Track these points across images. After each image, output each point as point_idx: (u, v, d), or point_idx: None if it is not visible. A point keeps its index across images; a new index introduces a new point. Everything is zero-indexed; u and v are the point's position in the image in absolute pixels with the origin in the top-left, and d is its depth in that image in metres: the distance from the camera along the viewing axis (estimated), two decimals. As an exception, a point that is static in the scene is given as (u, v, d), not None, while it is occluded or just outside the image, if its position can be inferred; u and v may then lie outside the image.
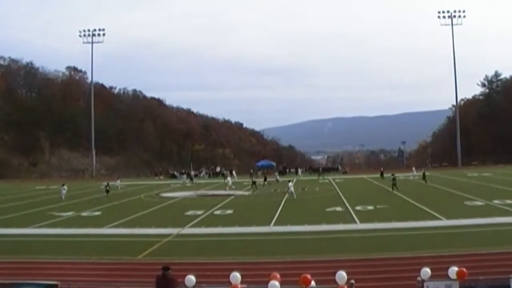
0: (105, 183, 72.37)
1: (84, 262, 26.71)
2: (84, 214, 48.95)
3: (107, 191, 68.08)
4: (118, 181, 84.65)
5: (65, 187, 66.60)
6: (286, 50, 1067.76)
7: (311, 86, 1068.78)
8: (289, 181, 66.15)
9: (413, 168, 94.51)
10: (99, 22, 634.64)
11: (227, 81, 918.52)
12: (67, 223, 42.39)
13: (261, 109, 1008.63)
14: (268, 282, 15.98)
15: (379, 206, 46.96)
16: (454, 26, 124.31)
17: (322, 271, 21.07)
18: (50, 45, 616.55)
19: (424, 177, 74.98)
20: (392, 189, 63.74)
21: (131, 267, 25.73)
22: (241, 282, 16.72)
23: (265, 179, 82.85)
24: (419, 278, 17.55)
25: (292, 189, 59.88)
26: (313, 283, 16.32)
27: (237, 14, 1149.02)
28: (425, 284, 17.29)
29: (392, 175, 67.07)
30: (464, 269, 17.26)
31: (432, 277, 17.35)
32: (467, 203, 47.57)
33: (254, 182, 77.77)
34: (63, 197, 63.66)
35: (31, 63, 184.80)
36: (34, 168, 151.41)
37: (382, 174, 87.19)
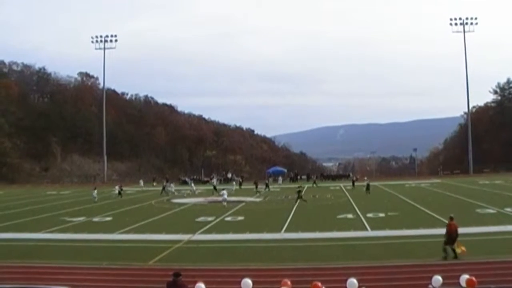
0: (118, 186, 75.62)
1: (95, 268, 26.72)
2: (95, 219, 49.03)
3: (120, 193, 73.81)
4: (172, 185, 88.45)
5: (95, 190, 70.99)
6: (298, 57, 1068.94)
7: (323, 93, 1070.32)
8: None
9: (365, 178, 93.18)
10: (111, 28, 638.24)
11: (238, 87, 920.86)
12: (78, 228, 42.44)
13: (272, 116, 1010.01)
14: (279, 289, 15.95)
15: (391, 213, 46.83)
16: (466, 33, 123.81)
17: (333, 278, 21.08)
18: (62, 51, 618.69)
19: (367, 188, 74.60)
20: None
21: (141, 273, 25.72)
22: (252, 288, 16.70)
23: (256, 186, 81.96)
24: (430, 286, 17.49)
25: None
26: (324, 290, 16.28)
27: (249, 20, 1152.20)
28: (436, 292, 17.24)
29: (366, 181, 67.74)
30: (474, 278, 17.19)
31: (444, 285, 17.29)
32: (479, 210, 47.43)
33: (267, 185, 78.36)
34: (95, 199, 68.17)
35: (44, 68, 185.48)
36: (46, 173, 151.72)
37: (353, 183, 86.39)
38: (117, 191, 75.47)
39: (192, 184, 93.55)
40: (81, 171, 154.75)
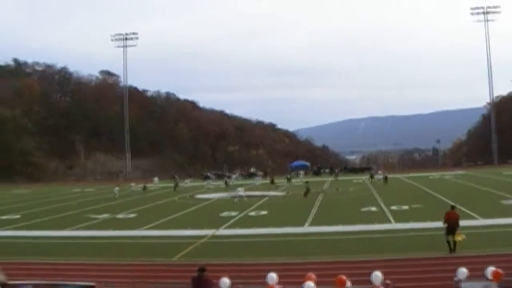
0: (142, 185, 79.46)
1: (120, 264, 26.87)
2: (120, 216, 49.29)
3: (144, 188, 78.18)
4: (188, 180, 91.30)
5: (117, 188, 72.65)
6: (319, 50, 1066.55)
7: (345, 86, 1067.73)
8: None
9: (379, 171, 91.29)
10: (131, 26, 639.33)
11: (260, 81, 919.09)
12: (103, 225, 42.74)
13: (294, 110, 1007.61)
14: (304, 282, 15.95)
15: (414, 206, 46.67)
16: (488, 23, 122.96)
17: (358, 271, 21.02)
18: (83, 50, 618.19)
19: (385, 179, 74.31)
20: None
21: (166, 268, 25.82)
22: (277, 283, 16.72)
23: (272, 181, 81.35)
24: (455, 279, 17.43)
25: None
26: (348, 283, 16.26)
27: (269, 15, 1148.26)
28: (462, 285, 17.17)
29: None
30: (500, 270, 17.09)
31: (469, 277, 17.23)
32: (504, 201, 47.09)
33: (289, 179, 78.27)
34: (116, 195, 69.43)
35: (65, 68, 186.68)
36: (70, 171, 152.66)
37: (372, 176, 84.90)
38: (133, 188, 76.17)
39: (210, 181, 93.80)
40: (105, 169, 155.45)
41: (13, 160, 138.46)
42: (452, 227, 26.32)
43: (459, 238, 25.85)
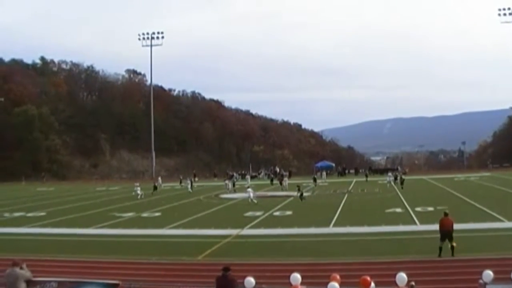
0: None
1: (144, 262, 26.98)
2: (144, 215, 49.43)
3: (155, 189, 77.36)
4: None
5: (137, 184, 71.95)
6: (344, 50, 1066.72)
7: (370, 87, 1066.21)
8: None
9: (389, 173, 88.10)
10: (158, 25, 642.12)
11: (285, 82, 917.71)
12: (128, 224, 42.90)
13: (320, 110, 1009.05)
14: (328, 283, 15.91)
15: (440, 207, 46.26)
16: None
17: (382, 272, 20.97)
18: (110, 49, 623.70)
19: (402, 182, 73.39)
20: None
21: (191, 267, 25.88)
22: (301, 283, 16.68)
23: (280, 183, 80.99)
24: (481, 281, 17.30)
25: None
26: (373, 284, 16.15)
27: (295, 15, 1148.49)
28: (487, 287, 17.05)
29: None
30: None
31: (495, 280, 17.10)
32: (530, 204, 46.77)
33: (315, 179, 78.04)
34: (139, 195, 68.17)
35: (92, 66, 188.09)
36: (95, 169, 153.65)
37: (396, 177, 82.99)
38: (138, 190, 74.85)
39: (227, 182, 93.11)
40: (130, 167, 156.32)
41: (39, 157, 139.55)
42: (447, 233, 26.34)
43: (455, 243, 25.79)
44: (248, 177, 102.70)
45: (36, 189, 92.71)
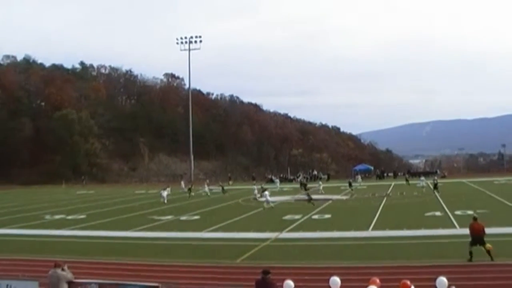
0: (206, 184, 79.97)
1: (184, 265, 27.03)
2: (183, 218, 49.60)
3: (223, 189, 79.17)
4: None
5: (168, 189, 69.78)
6: (383, 54, 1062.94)
7: (409, 89, 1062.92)
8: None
9: (422, 178, 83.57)
10: (196, 29, 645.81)
11: (323, 85, 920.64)
12: (167, 227, 43.04)
13: (358, 113, 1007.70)
14: (367, 287, 15.82)
15: (479, 211, 45.83)
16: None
17: (422, 276, 20.84)
18: (148, 53, 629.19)
19: (435, 187, 72.00)
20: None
21: (230, 270, 25.89)
22: (341, 287, 16.62)
23: (304, 187, 79.87)
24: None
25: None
26: (413, 288, 16.04)
27: (332, 19, 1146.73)
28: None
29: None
30: None
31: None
32: None
33: (350, 184, 77.43)
34: (165, 200, 65.43)
35: (130, 71, 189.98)
36: (134, 172, 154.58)
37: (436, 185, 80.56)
38: (186, 189, 74.19)
39: (277, 183, 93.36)
40: (168, 171, 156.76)
41: (79, 161, 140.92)
42: (478, 238, 26.11)
43: (488, 246, 25.54)
44: (277, 180, 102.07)
45: (76, 192, 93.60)
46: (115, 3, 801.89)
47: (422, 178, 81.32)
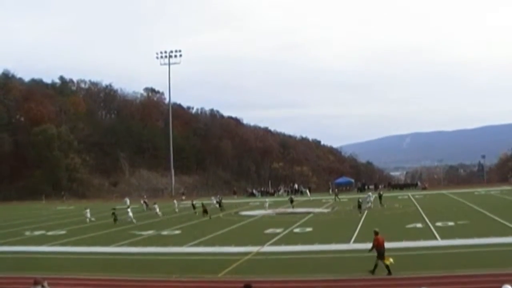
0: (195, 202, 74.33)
1: (165, 280, 26.99)
2: (164, 233, 49.50)
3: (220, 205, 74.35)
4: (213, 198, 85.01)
5: (88, 210, 65.90)
6: (364, 65, 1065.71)
7: (388, 101, 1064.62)
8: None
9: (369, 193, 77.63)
10: (176, 42, 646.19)
11: (304, 98, 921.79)
12: (148, 242, 42.91)
13: (338, 126, 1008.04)
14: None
15: (460, 222, 46.19)
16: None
17: (405, 288, 20.87)
18: (128, 68, 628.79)
19: (380, 198, 72.34)
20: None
21: (212, 285, 25.91)
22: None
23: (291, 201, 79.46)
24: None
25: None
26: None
27: (313, 31, 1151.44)
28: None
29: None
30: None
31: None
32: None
33: (336, 195, 77.37)
34: (87, 219, 63.31)
35: (110, 85, 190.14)
36: (115, 187, 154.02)
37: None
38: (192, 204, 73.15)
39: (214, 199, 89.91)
40: (149, 185, 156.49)
41: (59, 176, 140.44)
42: (382, 251, 26.49)
43: (387, 262, 25.94)
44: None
45: (56, 208, 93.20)
46: (95, 18, 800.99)
47: (370, 194, 78.46)
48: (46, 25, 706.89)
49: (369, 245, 27.75)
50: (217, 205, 75.33)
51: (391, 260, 25.97)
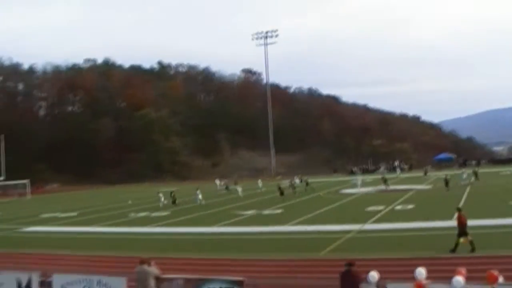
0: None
1: (268, 260, 27.12)
2: (266, 212, 49.78)
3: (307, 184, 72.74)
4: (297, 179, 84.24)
5: (199, 191, 63.85)
6: (462, 41, 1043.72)
7: (491, 75, 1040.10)
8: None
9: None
10: (271, 24, 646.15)
11: (401, 74, 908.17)
12: (250, 221, 43.28)
13: (438, 101, 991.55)
14: (453, 277, 15.57)
15: None
16: None
17: (510, 266, 20.40)
18: (225, 50, 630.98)
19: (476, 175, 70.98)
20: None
21: (314, 263, 25.83)
22: (426, 278, 16.43)
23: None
24: None
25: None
26: (501, 279, 15.66)
27: (407, 8, 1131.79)
28: None
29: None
30: None
31: None
32: None
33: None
34: (198, 201, 62.00)
35: (208, 68, 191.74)
36: (215, 168, 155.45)
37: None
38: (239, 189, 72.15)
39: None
40: (250, 165, 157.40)
41: (161, 159, 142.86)
42: (462, 229, 26.50)
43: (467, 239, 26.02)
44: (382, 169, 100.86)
45: (159, 190, 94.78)
46: (189, 3, 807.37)
47: (463, 170, 76.95)
48: (144, 13, 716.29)
49: (472, 222, 27.19)
50: (293, 188, 69.74)
51: (463, 240, 26.05)
